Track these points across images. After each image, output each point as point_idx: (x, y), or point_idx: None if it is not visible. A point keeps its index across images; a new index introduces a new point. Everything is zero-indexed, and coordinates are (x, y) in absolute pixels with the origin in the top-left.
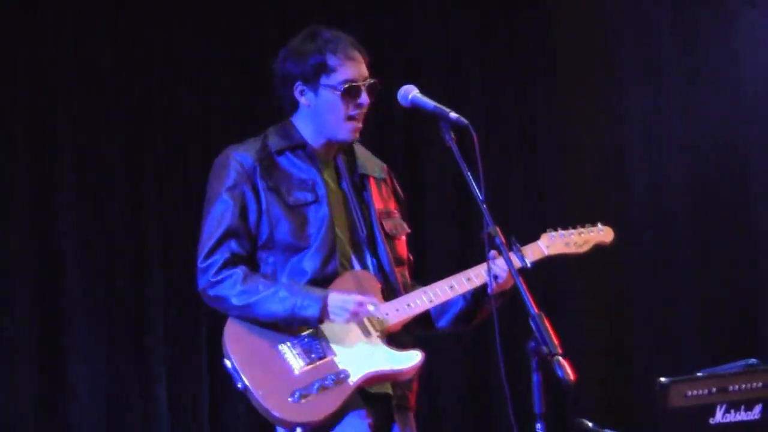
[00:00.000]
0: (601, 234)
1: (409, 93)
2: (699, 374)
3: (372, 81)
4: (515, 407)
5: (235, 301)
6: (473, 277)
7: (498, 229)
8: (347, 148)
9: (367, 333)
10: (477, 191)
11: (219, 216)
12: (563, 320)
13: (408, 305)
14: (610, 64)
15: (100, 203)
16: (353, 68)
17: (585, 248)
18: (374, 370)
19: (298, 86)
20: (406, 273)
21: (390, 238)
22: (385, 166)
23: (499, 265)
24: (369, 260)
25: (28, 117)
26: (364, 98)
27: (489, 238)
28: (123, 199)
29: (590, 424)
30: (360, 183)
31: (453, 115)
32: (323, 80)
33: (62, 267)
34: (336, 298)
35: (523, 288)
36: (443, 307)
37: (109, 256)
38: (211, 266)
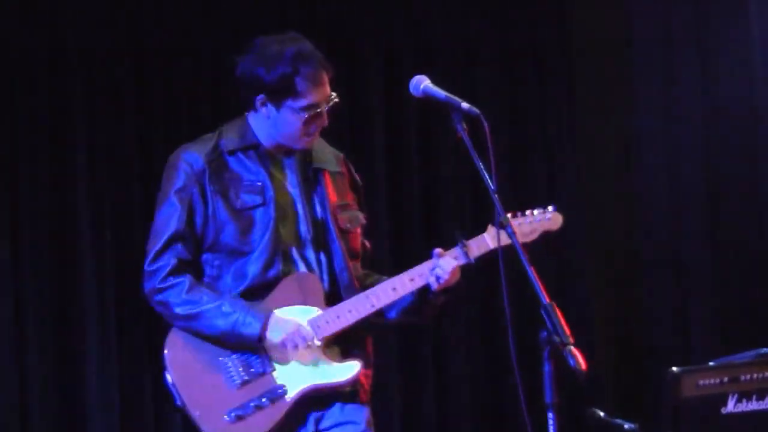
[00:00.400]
0: (549, 221)
1: (421, 83)
2: (711, 364)
3: (333, 101)
4: (528, 397)
5: (178, 310)
6: (416, 278)
7: (509, 218)
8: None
9: (307, 344)
10: (489, 181)
11: (166, 219)
12: (575, 310)
13: (350, 311)
14: (625, 54)
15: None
16: (318, 93)
17: (532, 237)
18: (311, 385)
19: (261, 98)
20: (359, 266)
21: (344, 232)
22: (341, 156)
23: (441, 266)
24: (317, 259)
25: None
26: (324, 121)
27: (500, 227)
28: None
29: (602, 414)
30: (314, 178)
31: (464, 105)
32: (288, 102)
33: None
34: (277, 321)
35: (534, 277)
36: (391, 302)
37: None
38: (158, 271)
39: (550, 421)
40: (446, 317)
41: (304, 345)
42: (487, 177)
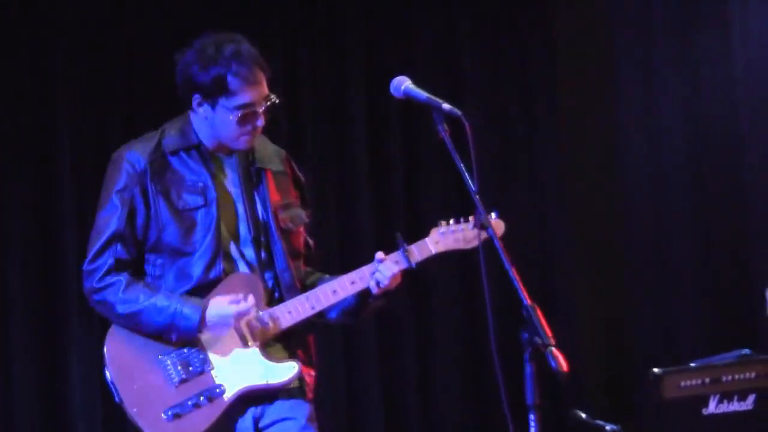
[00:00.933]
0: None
1: (402, 84)
2: (692, 365)
3: (269, 102)
4: (510, 399)
5: (117, 308)
6: (357, 281)
7: (490, 219)
8: None
9: (245, 343)
10: (470, 182)
11: (107, 219)
12: (559, 311)
13: (289, 312)
14: (607, 58)
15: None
16: (253, 92)
17: (475, 243)
18: (249, 386)
19: (197, 97)
20: (301, 265)
21: (286, 231)
22: (283, 153)
23: (382, 271)
24: (258, 259)
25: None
26: (260, 121)
27: (482, 228)
28: None
29: (584, 415)
30: (256, 177)
31: (446, 106)
32: (222, 101)
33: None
34: (214, 307)
35: (516, 278)
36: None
37: None
38: (96, 271)
39: (532, 423)
40: (429, 318)
41: (247, 318)
42: (469, 178)
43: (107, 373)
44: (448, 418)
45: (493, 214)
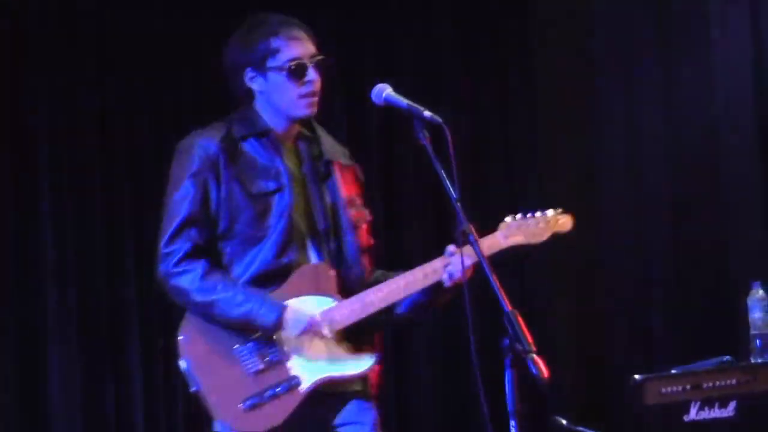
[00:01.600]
0: (560, 223)
1: (383, 91)
2: (673, 371)
3: (319, 57)
4: (491, 405)
5: (193, 296)
6: (429, 274)
7: (471, 227)
8: (312, 135)
9: (320, 335)
10: (451, 189)
11: (181, 202)
12: (537, 318)
13: (362, 304)
14: (587, 66)
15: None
16: (298, 47)
17: (543, 238)
18: (325, 376)
19: (248, 73)
20: (368, 261)
21: (355, 226)
22: (347, 151)
23: (454, 263)
24: (329, 251)
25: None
26: (312, 74)
27: (463, 235)
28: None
29: (565, 422)
30: (325, 170)
31: (427, 113)
32: (270, 63)
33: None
34: (292, 313)
35: (497, 285)
36: (402, 298)
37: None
38: (173, 254)
39: (513, 429)
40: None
41: (320, 335)
42: (449, 185)
43: (183, 363)
44: (425, 422)
45: (559, 210)
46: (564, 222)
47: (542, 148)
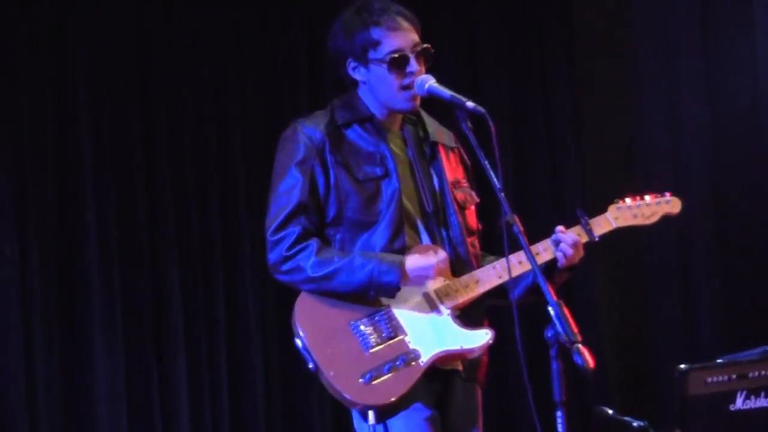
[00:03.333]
0: (669, 205)
1: (426, 82)
2: (719, 361)
3: (422, 47)
4: (536, 396)
5: (310, 272)
6: (541, 252)
7: (516, 217)
8: (415, 118)
9: (437, 311)
10: (495, 180)
11: (289, 190)
12: (582, 309)
13: (477, 281)
14: (628, 53)
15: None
16: (399, 38)
17: (653, 219)
18: (444, 350)
19: (351, 63)
20: (477, 243)
21: (462, 207)
22: (452, 134)
23: (566, 241)
24: (438, 233)
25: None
26: (413, 66)
27: (507, 226)
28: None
29: (610, 412)
30: (431, 153)
31: (470, 104)
32: (371, 55)
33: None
34: (412, 260)
35: (542, 277)
36: (515, 279)
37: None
38: (283, 240)
39: (559, 420)
40: None
41: (444, 271)
42: (493, 175)
43: (299, 342)
44: None
45: (668, 194)
46: (674, 203)
47: (584, 136)
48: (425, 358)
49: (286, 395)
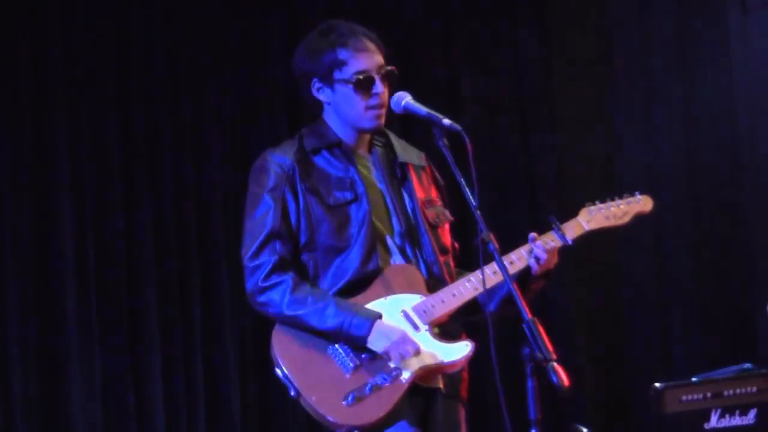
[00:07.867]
0: (640, 203)
1: (402, 99)
2: (694, 379)
3: (387, 69)
4: (511, 414)
5: (284, 309)
6: (515, 261)
7: (492, 235)
8: (383, 140)
9: (415, 327)
10: (470, 197)
11: (262, 216)
12: (556, 326)
13: (453, 295)
14: (605, 64)
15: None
16: (365, 59)
17: (625, 219)
18: (426, 365)
19: (315, 84)
20: (451, 262)
21: (433, 227)
22: (422, 154)
23: (539, 247)
24: (411, 252)
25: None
26: (378, 87)
27: (483, 244)
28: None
29: (585, 430)
30: (402, 173)
31: (446, 121)
32: (336, 75)
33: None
34: (382, 327)
35: (517, 293)
36: (490, 292)
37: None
38: (260, 268)
39: None
40: None
41: (410, 356)
42: (469, 193)
43: (279, 371)
44: None
45: (637, 193)
46: (645, 202)
47: (560, 150)
48: (406, 375)
49: (263, 402)
